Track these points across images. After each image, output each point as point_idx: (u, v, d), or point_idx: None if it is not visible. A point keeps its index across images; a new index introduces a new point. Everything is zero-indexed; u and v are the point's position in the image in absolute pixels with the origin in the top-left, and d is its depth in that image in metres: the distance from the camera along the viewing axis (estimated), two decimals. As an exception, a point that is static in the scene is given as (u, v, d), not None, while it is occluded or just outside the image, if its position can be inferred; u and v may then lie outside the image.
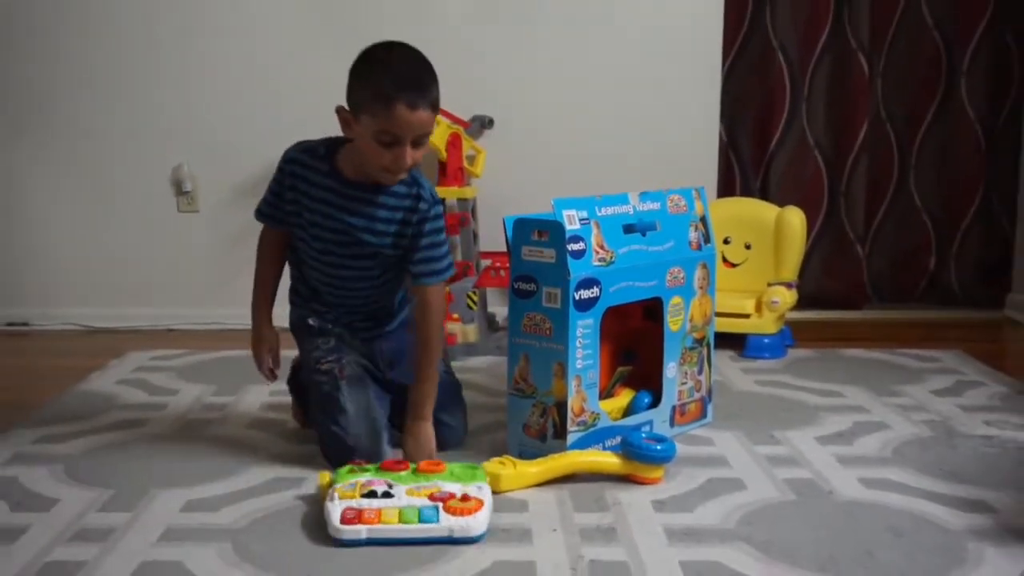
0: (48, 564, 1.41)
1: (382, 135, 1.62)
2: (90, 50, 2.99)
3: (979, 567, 1.39)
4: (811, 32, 3.12)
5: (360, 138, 1.67)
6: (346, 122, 1.69)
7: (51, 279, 3.09)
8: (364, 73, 1.65)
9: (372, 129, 1.62)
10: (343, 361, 1.83)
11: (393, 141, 1.63)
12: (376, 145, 1.64)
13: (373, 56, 1.66)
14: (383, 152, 1.64)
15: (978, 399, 2.22)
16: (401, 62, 1.65)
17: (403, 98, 1.59)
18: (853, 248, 3.21)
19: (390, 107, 1.60)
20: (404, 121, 1.61)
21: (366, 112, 1.63)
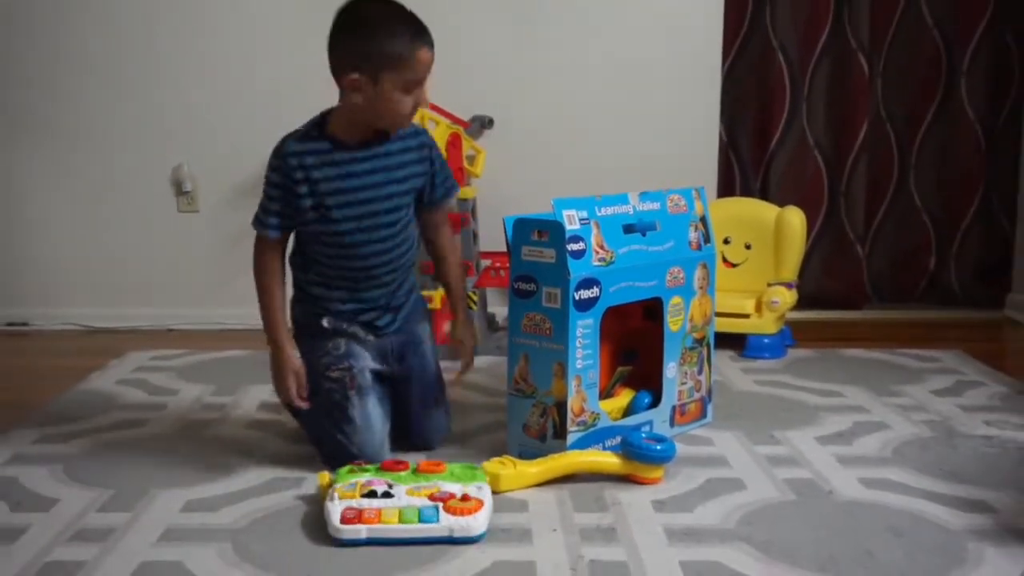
0: (48, 564, 1.41)
1: (409, 84, 1.68)
2: (90, 50, 2.99)
3: (979, 567, 1.39)
4: (811, 32, 3.12)
5: (378, 97, 1.68)
6: (357, 88, 1.68)
7: (51, 279, 3.09)
8: (376, 34, 1.67)
9: (398, 82, 1.67)
10: (354, 370, 1.81)
11: (416, 86, 1.69)
12: (400, 96, 1.68)
13: (371, 16, 1.69)
14: (407, 100, 1.69)
15: (978, 399, 2.22)
16: (398, 12, 1.70)
17: (422, 43, 1.68)
18: (853, 248, 3.21)
19: (415, 55, 1.67)
20: (426, 63, 1.70)
21: (389, 69, 1.66)
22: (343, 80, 1.70)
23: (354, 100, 1.70)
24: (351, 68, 1.68)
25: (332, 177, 1.75)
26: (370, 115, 1.72)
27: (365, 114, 1.72)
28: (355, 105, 1.71)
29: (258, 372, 2.47)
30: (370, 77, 1.67)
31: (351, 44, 1.69)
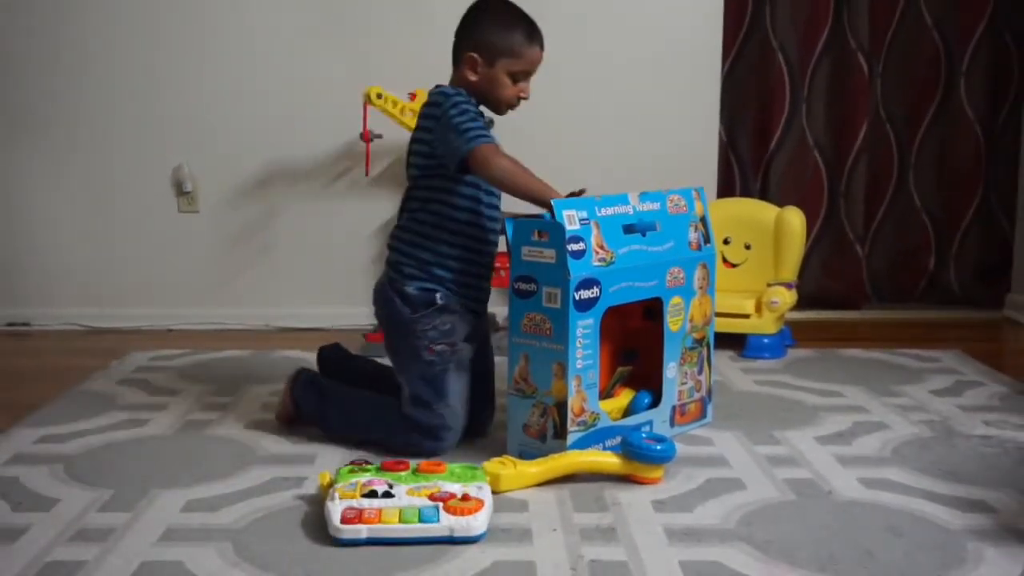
0: (48, 564, 1.41)
1: (518, 74, 1.91)
2: (91, 51, 3.00)
3: (979, 567, 1.40)
4: (811, 32, 3.12)
5: (490, 79, 1.90)
6: (473, 66, 1.89)
7: (52, 279, 3.09)
8: (505, 23, 1.91)
9: (510, 69, 1.90)
10: (456, 347, 1.88)
11: (523, 78, 1.93)
12: (509, 82, 1.91)
13: (505, 8, 1.93)
14: (512, 88, 1.92)
15: (977, 399, 2.23)
16: (522, 14, 1.94)
17: (539, 42, 1.93)
18: (853, 248, 3.21)
19: (531, 49, 1.91)
20: (535, 60, 1.93)
21: (506, 55, 1.89)
22: (463, 56, 1.90)
23: (469, 77, 1.90)
24: (473, 48, 1.89)
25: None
26: (479, 92, 1.92)
27: (475, 91, 1.91)
28: (468, 82, 1.91)
29: (258, 372, 2.48)
30: (487, 60, 1.89)
31: (479, 29, 1.91)
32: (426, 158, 1.89)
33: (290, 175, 3.05)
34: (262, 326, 3.09)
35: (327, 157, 3.04)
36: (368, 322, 3.04)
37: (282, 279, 3.10)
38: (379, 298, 1.95)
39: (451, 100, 1.85)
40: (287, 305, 3.09)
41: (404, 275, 1.91)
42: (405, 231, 1.93)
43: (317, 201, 3.06)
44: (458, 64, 1.92)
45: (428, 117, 1.89)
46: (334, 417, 1.96)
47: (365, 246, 3.08)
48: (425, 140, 1.89)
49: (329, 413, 1.96)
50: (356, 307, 3.07)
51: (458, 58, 1.92)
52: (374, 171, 3.01)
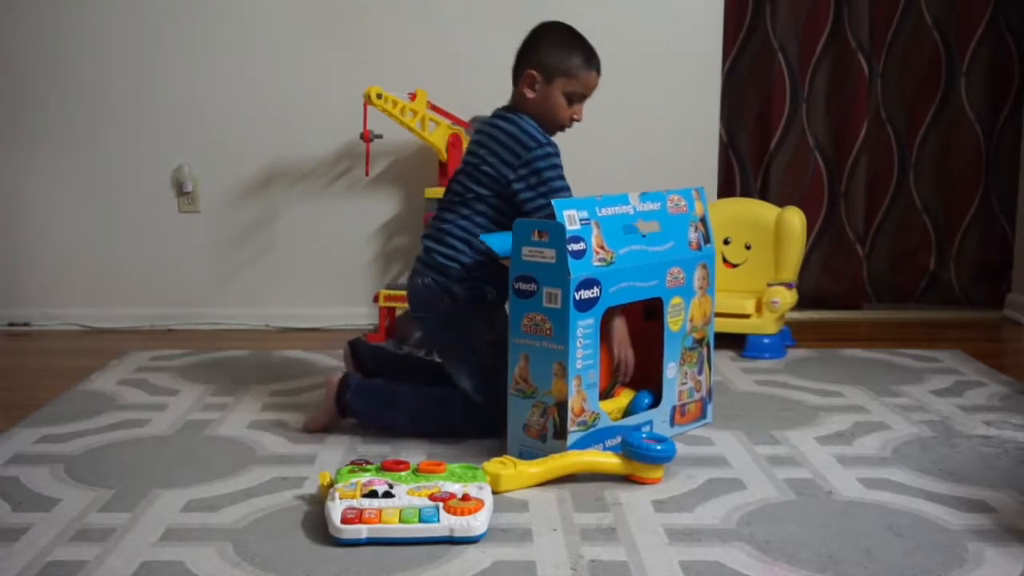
0: (49, 564, 1.41)
1: (573, 95, 2.00)
2: (91, 51, 3.00)
3: (979, 567, 1.40)
4: (811, 32, 3.12)
5: (546, 97, 1.99)
6: (532, 83, 1.98)
7: (52, 279, 3.09)
8: (565, 46, 2.00)
9: (566, 89, 1.99)
10: (505, 335, 1.89)
11: (578, 100, 2.01)
12: (563, 102, 2.00)
13: (566, 32, 2.03)
14: (566, 108, 2.00)
15: (977, 399, 2.23)
16: (583, 40, 2.03)
17: (596, 66, 2.02)
18: (853, 248, 3.21)
19: (588, 72, 2.00)
20: (594, 84, 2.03)
21: (564, 75, 1.98)
22: (523, 73, 1.99)
23: (526, 94, 1.99)
24: (533, 66, 1.98)
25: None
26: (535, 109, 2.00)
27: (531, 108, 2.00)
28: (525, 100, 1.99)
29: (258, 372, 2.48)
30: (545, 78, 1.97)
31: (540, 49, 2.00)
32: (492, 180, 1.95)
33: (290, 175, 3.05)
34: (262, 326, 3.09)
35: (327, 157, 3.04)
36: (368, 322, 3.05)
37: (282, 279, 3.10)
38: (425, 298, 1.99)
39: (544, 150, 1.94)
40: (287, 305, 3.09)
41: (452, 277, 1.96)
42: (451, 236, 1.97)
43: (317, 201, 3.06)
44: (517, 81, 2.01)
45: (508, 149, 1.94)
46: (397, 417, 1.98)
47: (365, 246, 3.08)
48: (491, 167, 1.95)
49: (390, 414, 1.98)
50: (356, 307, 3.07)
51: (518, 75, 2.01)
52: (374, 171, 3.01)
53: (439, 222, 2.02)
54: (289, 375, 2.45)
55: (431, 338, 2.07)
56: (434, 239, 2.01)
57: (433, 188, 2.79)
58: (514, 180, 1.93)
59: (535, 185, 1.93)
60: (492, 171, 1.95)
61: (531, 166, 1.93)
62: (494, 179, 1.95)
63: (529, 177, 1.93)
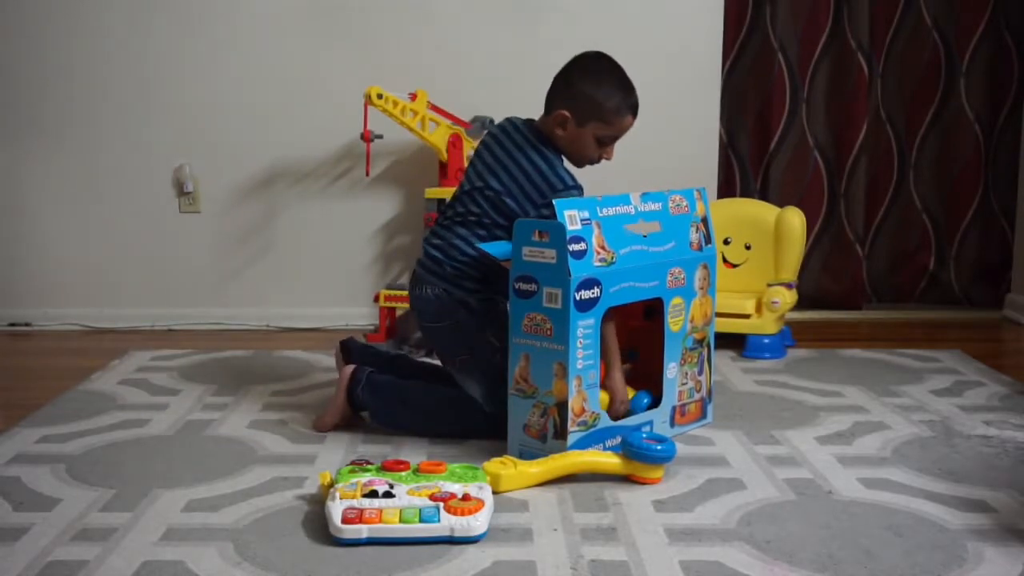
0: (50, 564, 1.41)
1: (605, 138, 1.96)
2: (91, 51, 3.00)
3: (978, 566, 1.40)
4: (811, 32, 3.13)
5: (577, 138, 1.95)
6: (563, 123, 1.93)
7: (53, 280, 3.09)
8: (603, 88, 1.93)
9: (598, 133, 1.94)
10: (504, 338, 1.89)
11: (609, 142, 1.97)
12: (594, 144, 1.96)
13: (605, 70, 1.96)
14: (597, 149, 1.97)
15: (977, 399, 2.23)
16: (623, 78, 1.96)
17: (630, 111, 1.96)
18: (853, 248, 3.21)
19: (622, 118, 1.95)
20: (626, 128, 1.98)
21: (597, 119, 1.93)
22: (556, 111, 1.94)
23: (556, 131, 1.94)
24: (566, 106, 1.93)
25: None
26: (563, 145, 1.96)
27: (560, 143, 1.96)
28: (553, 133, 1.95)
29: (259, 372, 2.48)
30: (577, 120, 1.93)
31: (578, 88, 1.93)
32: (513, 213, 1.92)
33: (291, 175, 3.05)
34: (262, 326, 3.09)
35: (327, 157, 3.05)
36: (368, 322, 3.05)
37: (282, 279, 3.10)
38: (438, 309, 1.96)
39: (570, 194, 1.90)
40: (287, 305, 3.09)
41: (466, 289, 1.95)
42: (463, 253, 1.95)
43: (317, 201, 3.06)
44: (549, 112, 1.96)
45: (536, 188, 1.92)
46: (408, 415, 1.97)
47: (365, 246, 3.09)
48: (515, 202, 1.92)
49: (401, 412, 1.98)
50: (356, 307, 3.08)
51: (550, 107, 1.96)
52: (374, 171, 3.01)
53: (450, 235, 1.96)
54: (290, 375, 2.45)
55: (441, 348, 2.03)
56: (444, 252, 1.96)
57: (433, 188, 2.79)
58: (535, 215, 1.91)
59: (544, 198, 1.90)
60: (515, 206, 1.92)
61: (544, 178, 1.92)
62: (515, 213, 1.92)
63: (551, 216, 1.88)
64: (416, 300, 2.01)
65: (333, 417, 2.00)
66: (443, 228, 1.99)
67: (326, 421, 2.01)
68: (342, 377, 2.00)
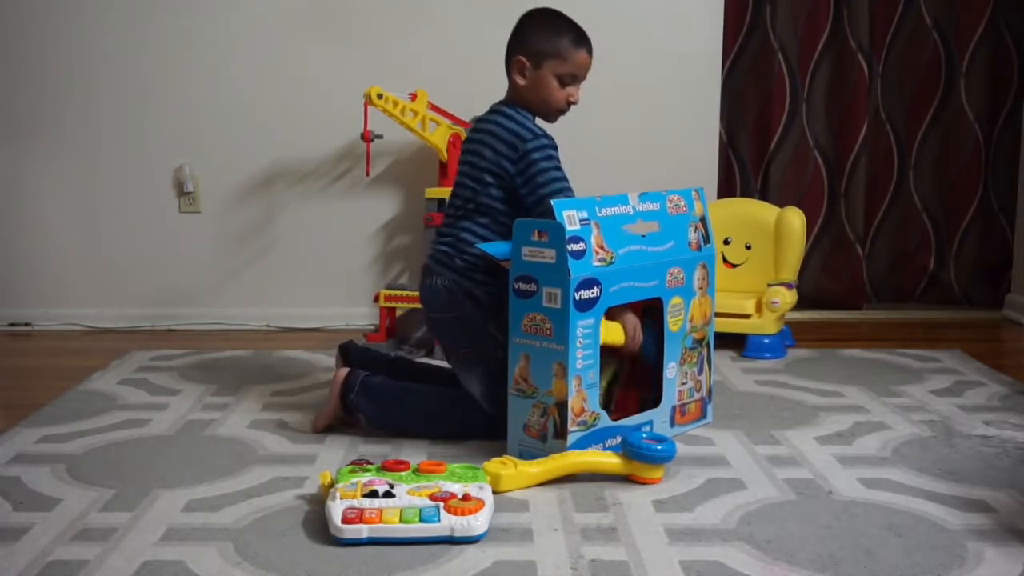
0: (50, 563, 1.41)
1: (565, 76, 1.97)
2: (91, 50, 3.00)
3: (978, 566, 1.40)
4: (811, 32, 3.13)
5: (538, 82, 1.98)
6: (522, 70, 1.98)
7: (53, 279, 3.09)
8: (552, 28, 1.99)
9: (556, 71, 1.97)
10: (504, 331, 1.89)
11: (571, 81, 1.98)
12: (556, 85, 1.98)
13: (552, 15, 2.02)
14: (560, 91, 1.98)
15: (977, 399, 2.23)
16: (569, 21, 2.01)
17: (586, 46, 1.99)
18: (853, 248, 3.21)
19: (577, 52, 1.97)
20: (585, 64, 2.00)
21: (552, 57, 1.96)
22: (513, 61, 1.99)
23: (518, 82, 1.98)
24: (521, 52, 1.98)
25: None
26: (528, 96, 1.99)
27: (525, 96, 1.99)
28: (518, 89, 1.99)
29: (259, 372, 2.48)
30: (534, 63, 1.97)
31: (527, 35, 1.99)
32: (497, 178, 1.94)
33: (291, 175, 3.06)
34: (262, 326, 3.09)
35: (327, 157, 3.05)
36: (368, 322, 3.05)
37: (282, 279, 3.10)
38: (446, 299, 1.96)
39: (539, 142, 1.93)
40: (287, 305, 3.09)
41: (475, 280, 1.95)
42: (472, 235, 1.95)
43: (317, 201, 3.06)
44: (509, 72, 2.00)
45: (505, 143, 1.94)
46: (405, 417, 1.97)
47: (365, 246, 3.09)
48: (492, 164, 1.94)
49: (398, 414, 1.97)
50: (356, 307, 3.08)
51: (509, 66, 2.00)
52: (374, 171, 3.02)
53: (456, 228, 1.97)
54: (290, 375, 2.45)
55: (445, 341, 2.02)
56: (451, 245, 1.97)
57: (433, 188, 2.79)
58: (515, 174, 1.93)
59: (533, 176, 1.92)
60: (495, 167, 1.94)
61: (527, 159, 1.92)
62: (498, 176, 1.94)
63: (527, 171, 1.92)
64: (425, 291, 2.01)
65: (326, 420, 2.00)
66: (449, 221, 2.01)
67: (318, 424, 2.01)
68: (335, 382, 1.99)
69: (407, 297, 2.69)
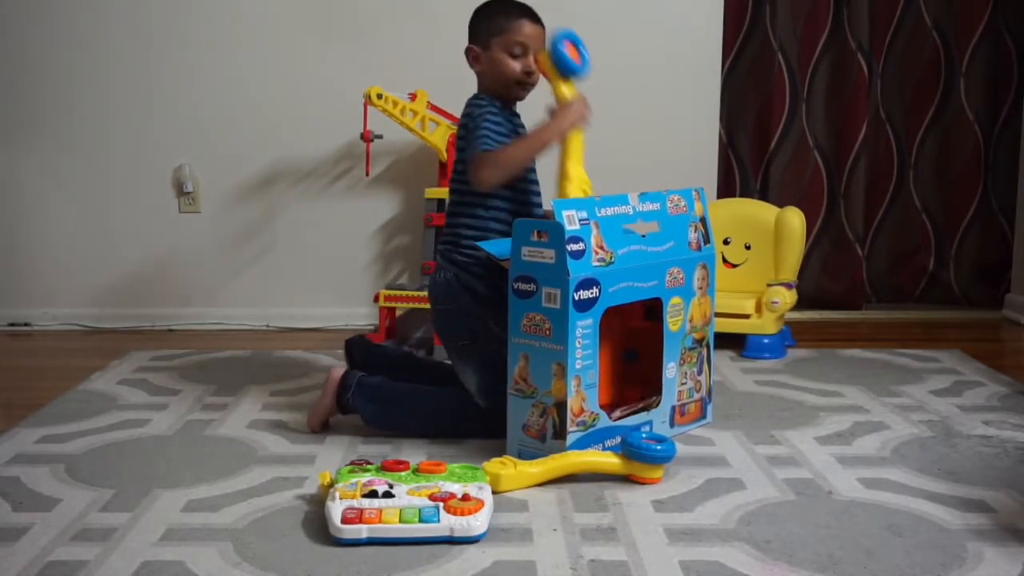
0: (50, 563, 1.41)
1: (514, 47, 1.99)
2: (91, 50, 3.00)
3: (978, 566, 1.40)
4: (811, 32, 3.13)
5: (491, 63, 2.01)
6: (476, 57, 2.02)
7: (53, 280, 3.09)
8: (487, 11, 2.03)
9: (504, 45, 1.98)
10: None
11: (522, 52, 1.99)
12: (508, 59, 2.00)
13: (489, 3, 2.06)
14: (514, 63, 1.99)
15: (977, 399, 2.23)
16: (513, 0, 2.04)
17: (523, 15, 2.01)
18: (853, 248, 3.21)
19: (519, 22, 1.99)
20: (529, 32, 2.00)
21: (496, 33, 1.99)
22: (467, 53, 2.03)
23: (476, 69, 2.02)
24: (472, 42, 2.02)
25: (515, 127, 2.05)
26: (487, 81, 2.02)
27: (486, 82, 2.02)
28: (480, 77, 2.03)
29: (259, 372, 2.48)
30: (482, 45, 2.01)
31: (473, 25, 2.04)
32: (460, 160, 1.98)
33: (291, 175, 3.06)
34: (262, 326, 3.09)
35: (327, 157, 3.05)
36: (368, 322, 3.05)
37: (282, 279, 3.10)
38: (445, 292, 1.98)
39: (474, 102, 1.99)
40: (287, 305, 3.09)
41: (474, 274, 1.95)
42: (466, 238, 1.97)
43: (317, 201, 3.06)
44: (471, 66, 2.04)
45: (462, 127, 2.01)
46: (401, 416, 1.97)
47: (365, 246, 3.09)
48: (463, 152, 1.98)
49: (395, 413, 1.97)
50: (356, 307, 3.08)
51: (468, 60, 2.04)
52: (374, 171, 3.01)
53: (454, 224, 2.00)
54: (289, 375, 2.45)
55: (444, 333, 2.03)
56: (451, 242, 1.99)
57: (433, 188, 2.79)
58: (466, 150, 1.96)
59: (465, 135, 1.97)
60: (464, 154, 1.96)
61: (466, 127, 1.97)
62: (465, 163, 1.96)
63: (467, 136, 1.96)
64: (430, 284, 2.05)
65: (321, 417, 2.00)
66: (449, 218, 2.03)
67: (313, 422, 2.01)
68: (330, 381, 1.99)
69: (407, 297, 2.69)
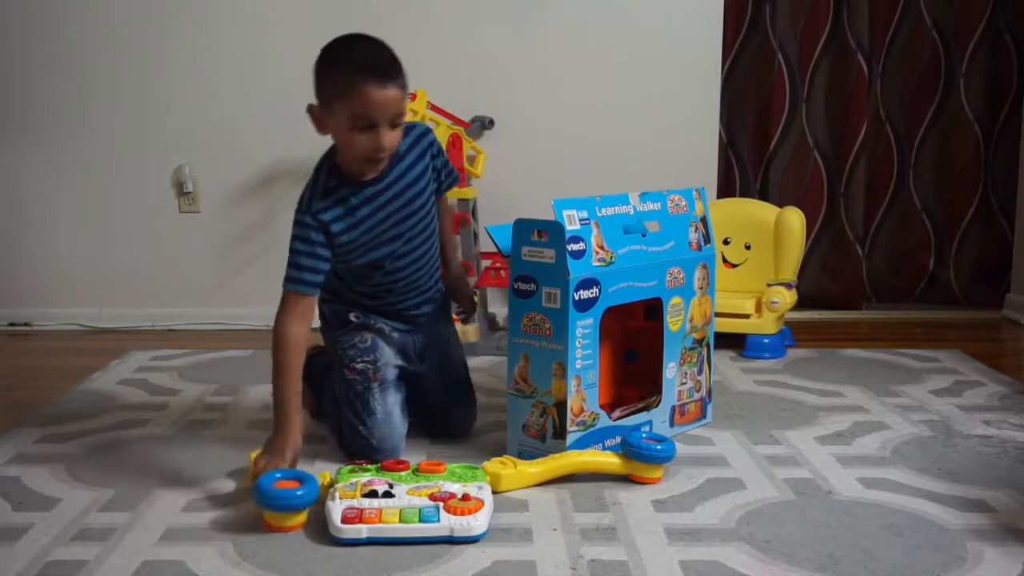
0: (50, 563, 1.41)
1: (358, 120, 1.61)
2: (91, 50, 3.00)
3: (978, 566, 1.40)
4: (811, 32, 3.13)
5: (336, 132, 1.66)
6: (318, 120, 1.67)
7: (52, 279, 3.09)
8: (329, 65, 1.64)
9: (346, 116, 1.61)
10: (378, 364, 1.85)
11: (369, 124, 1.62)
12: (353, 134, 1.63)
13: (334, 49, 1.65)
14: (360, 138, 1.63)
15: (977, 399, 2.23)
16: (362, 48, 1.64)
17: (371, 78, 1.59)
18: (853, 248, 3.21)
19: (361, 89, 1.59)
20: (375, 101, 1.60)
21: (338, 100, 1.61)
22: (309, 112, 1.68)
23: (323, 132, 1.68)
24: (316, 97, 1.66)
25: (364, 219, 1.73)
26: (338, 147, 1.70)
27: (337, 146, 1.71)
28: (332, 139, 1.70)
29: (259, 372, 2.48)
30: (322, 104, 1.64)
31: (317, 73, 1.66)
32: None
33: (291, 175, 3.05)
34: (262, 326, 3.09)
35: (327, 157, 3.04)
36: (368, 322, 3.05)
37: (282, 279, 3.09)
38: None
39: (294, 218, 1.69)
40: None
41: (322, 298, 1.91)
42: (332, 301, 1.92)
43: (317, 201, 3.06)
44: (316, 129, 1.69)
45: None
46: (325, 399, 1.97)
47: (365, 246, 3.08)
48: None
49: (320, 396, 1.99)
50: (356, 307, 3.07)
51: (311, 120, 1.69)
52: (374, 171, 3.01)
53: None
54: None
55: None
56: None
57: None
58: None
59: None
60: None
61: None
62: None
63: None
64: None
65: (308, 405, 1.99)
66: None
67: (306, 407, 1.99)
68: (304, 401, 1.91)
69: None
